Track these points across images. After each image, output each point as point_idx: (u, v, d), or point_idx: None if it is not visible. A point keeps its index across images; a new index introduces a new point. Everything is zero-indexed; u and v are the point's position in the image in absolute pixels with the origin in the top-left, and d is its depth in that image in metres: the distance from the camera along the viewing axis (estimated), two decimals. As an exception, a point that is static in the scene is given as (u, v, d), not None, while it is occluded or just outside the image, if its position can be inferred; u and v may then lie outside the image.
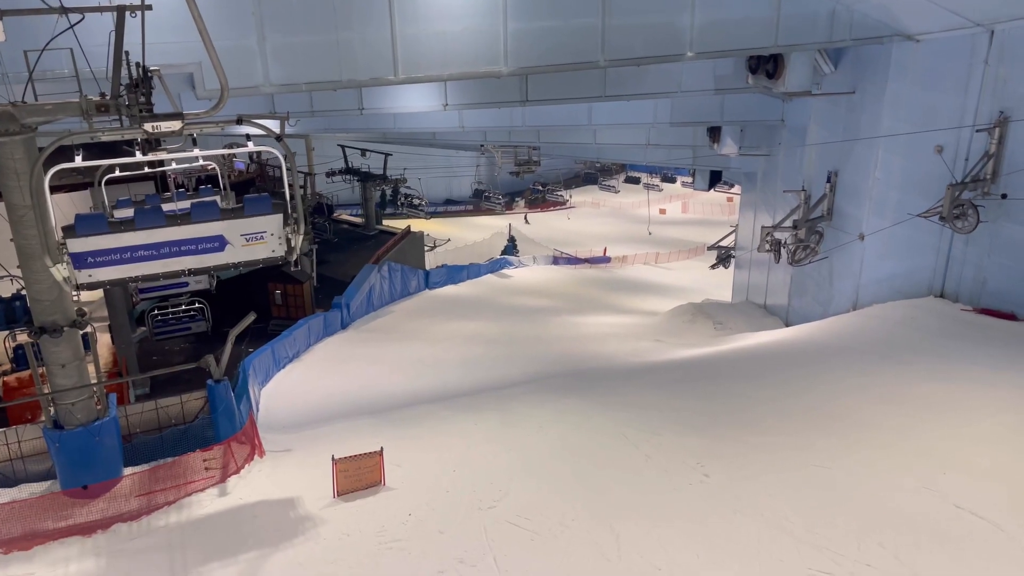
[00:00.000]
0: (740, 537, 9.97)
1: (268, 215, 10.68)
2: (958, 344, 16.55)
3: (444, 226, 61.14)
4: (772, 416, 14.04)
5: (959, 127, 18.00)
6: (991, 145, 17.18)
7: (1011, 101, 16.82)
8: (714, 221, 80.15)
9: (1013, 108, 16.78)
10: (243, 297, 29.79)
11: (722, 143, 29.28)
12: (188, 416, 15.42)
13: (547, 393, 17.68)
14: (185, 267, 10.69)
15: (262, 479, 13.90)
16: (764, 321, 27.49)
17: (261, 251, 10.81)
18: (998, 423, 12.35)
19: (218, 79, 9.91)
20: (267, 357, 22.90)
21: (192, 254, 10.62)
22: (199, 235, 10.62)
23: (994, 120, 17.09)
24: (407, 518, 11.70)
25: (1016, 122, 16.68)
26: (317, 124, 28.01)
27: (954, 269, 18.93)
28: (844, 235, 22.10)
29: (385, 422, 17.18)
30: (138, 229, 10.37)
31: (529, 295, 42.49)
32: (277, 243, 10.82)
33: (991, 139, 17.13)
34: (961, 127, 17.95)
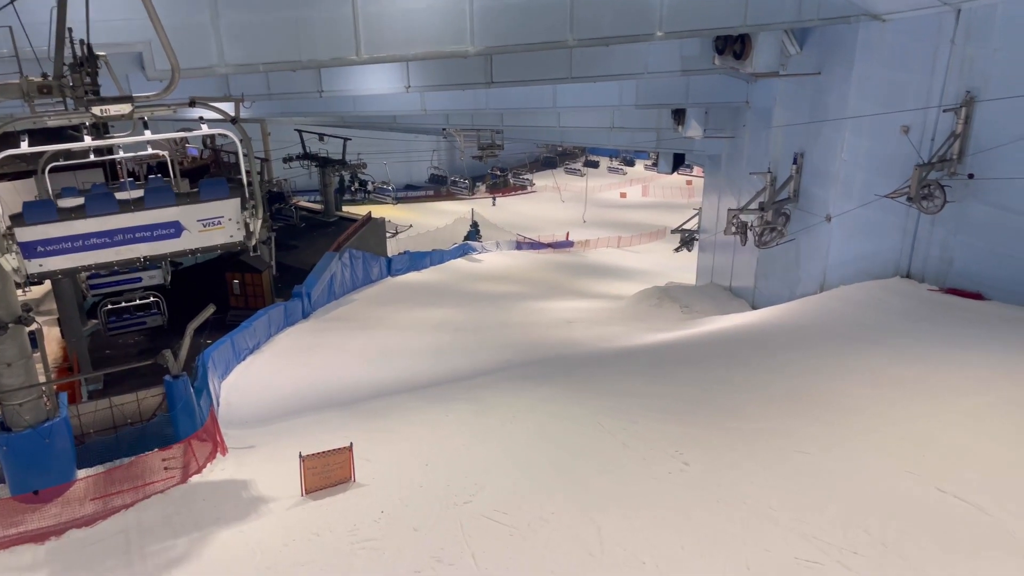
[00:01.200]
0: (725, 527, 9.75)
1: (225, 199, 10.32)
2: (927, 325, 16.59)
3: (405, 212, 60.32)
4: (750, 401, 13.88)
5: (926, 107, 17.99)
6: (958, 125, 17.19)
7: (977, 81, 16.83)
8: (674, 204, 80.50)
9: (979, 88, 16.79)
10: (200, 288, 28.91)
11: (687, 125, 29.12)
12: (145, 414, 14.75)
13: (520, 381, 17.35)
14: (140, 255, 10.26)
15: (225, 478, 13.34)
16: (730, 303, 27.50)
17: (219, 236, 10.45)
18: (974, 405, 12.32)
19: (168, 59, 9.27)
20: (227, 349, 22.18)
21: (147, 241, 10.20)
22: (154, 221, 10.20)
23: (960, 100, 17.09)
24: (379, 516, 11.27)
25: (982, 102, 16.70)
26: (274, 107, 27.13)
27: (920, 249, 19.00)
28: (811, 217, 22.09)
29: (352, 415, 16.70)
30: (89, 216, 9.91)
31: (494, 281, 42.11)
32: (235, 228, 10.48)
33: (958, 119, 17.13)
34: (928, 107, 17.94)
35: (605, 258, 56.36)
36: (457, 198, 73.60)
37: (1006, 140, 16.29)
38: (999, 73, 16.35)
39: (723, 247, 30.94)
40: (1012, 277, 16.97)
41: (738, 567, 8.86)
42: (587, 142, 43.51)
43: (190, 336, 14.03)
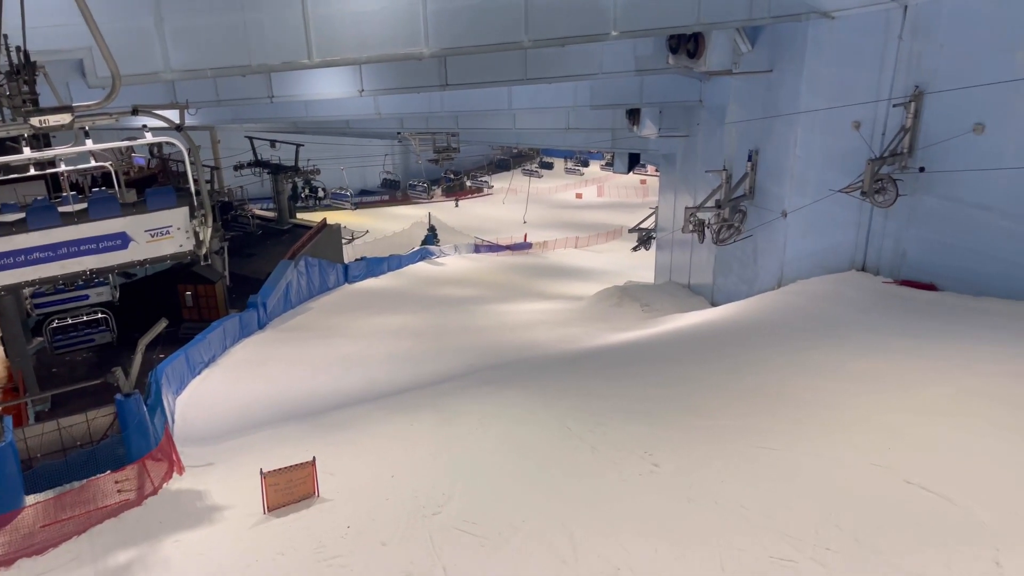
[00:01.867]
0: (697, 528, 9.67)
1: (173, 208, 10.13)
2: (884, 317, 16.83)
3: (361, 217, 59.63)
4: (715, 398, 13.88)
5: (876, 102, 18.27)
6: (907, 119, 17.47)
7: (925, 75, 17.13)
8: (630, 204, 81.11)
9: (927, 82, 17.10)
10: (150, 301, 28.10)
11: (641, 125, 29.26)
12: (96, 435, 14.16)
13: (483, 387, 17.14)
14: (86, 268, 10.03)
15: (182, 498, 12.88)
16: (689, 301, 27.68)
17: (168, 247, 10.28)
18: (935, 396, 12.47)
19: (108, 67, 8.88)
20: (180, 364, 21.56)
21: (92, 253, 9.92)
22: (99, 233, 9.94)
23: (909, 94, 17.38)
24: (346, 531, 10.97)
25: (931, 95, 17.00)
26: (223, 114, 26.50)
27: (875, 243, 19.29)
28: (767, 213, 22.32)
29: (313, 427, 16.31)
30: (32, 230, 9.58)
31: (453, 285, 41.82)
32: (184, 237, 10.34)
33: (907, 113, 17.42)
34: (878, 102, 18.23)
35: (564, 259, 56.47)
36: (413, 202, 73.11)
37: (954, 133, 16.60)
38: (945, 67, 16.66)
39: (680, 245, 31.16)
40: (963, 267, 17.31)
41: (713, 568, 8.79)
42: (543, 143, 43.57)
43: (142, 352, 13.53)
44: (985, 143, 16.34)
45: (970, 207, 16.91)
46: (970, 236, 17.06)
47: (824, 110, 19.44)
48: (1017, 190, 16.05)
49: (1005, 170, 16.05)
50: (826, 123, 19.62)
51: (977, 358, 13.70)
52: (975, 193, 16.72)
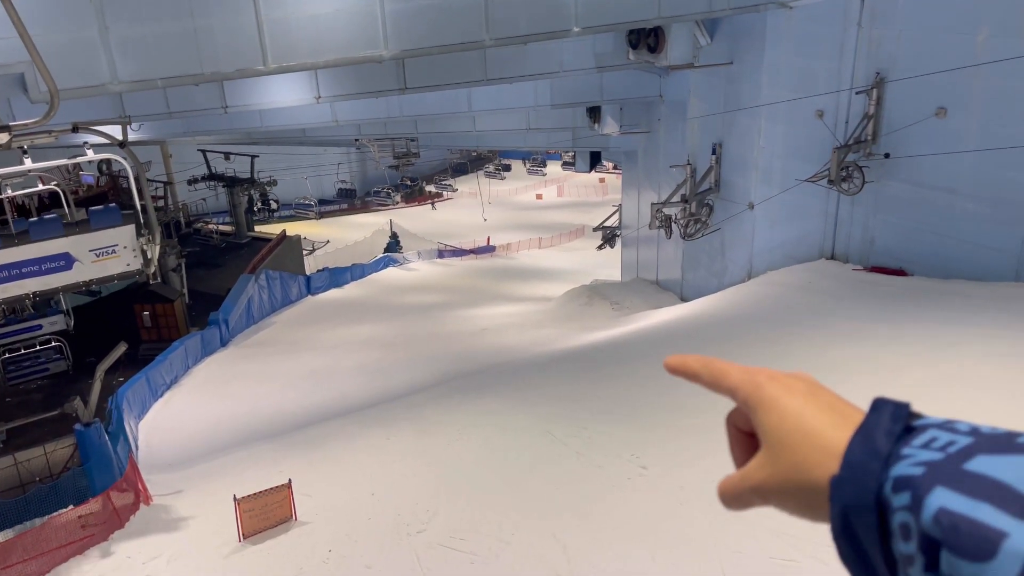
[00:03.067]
0: (691, 531, 9.42)
1: (118, 227, 9.97)
2: (856, 304, 16.84)
3: (321, 227, 58.72)
4: (698, 396, 13.51)
5: (837, 91, 18.30)
6: (870, 106, 17.53)
7: (885, 62, 17.20)
8: (590, 203, 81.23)
9: (888, 68, 17.16)
10: (106, 324, 27.20)
11: (603, 123, 29.10)
12: (55, 468, 13.46)
13: (460, 395, 16.75)
14: (28, 291, 9.73)
15: (152, 531, 12.30)
16: (659, 297, 27.58)
17: (114, 266, 10.08)
18: (916, 381, 12.44)
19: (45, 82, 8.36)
20: (142, 387, 20.79)
21: (36, 275, 9.60)
22: (41, 254, 9.65)
23: (871, 82, 17.43)
24: (327, 555, 10.52)
25: (892, 81, 17.06)
26: (175, 127, 25.63)
27: (843, 230, 19.34)
28: (733, 206, 22.29)
29: (286, 446, 15.77)
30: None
31: (419, 292, 41.30)
32: (132, 256, 10.10)
33: (869, 100, 17.47)
34: (840, 90, 18.26)
35: (528, 260, 56.23)
36: (373, 210, 72.32)
37: (917, 118, 16.68)
38: (906, 53, 16.74)
39: (647, 241, 31.06)
40: (930, 251, 17.43)
41: (714, 572, 8.54)
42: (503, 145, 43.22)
43: (100, 379, 12.91)
44: (947, 127, 16.44)
45: (935, 191, 17.02)
46: (936, 220, 17.17)
47: (786, 101, 19.43)
48: (980, 172, 16.18)
49: (968, 152, 16.18)
50: (789, 113, 19.62)
51: (952, 342, 13.72)
52: (939, 177, 16.83)
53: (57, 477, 13.26)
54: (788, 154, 19.99)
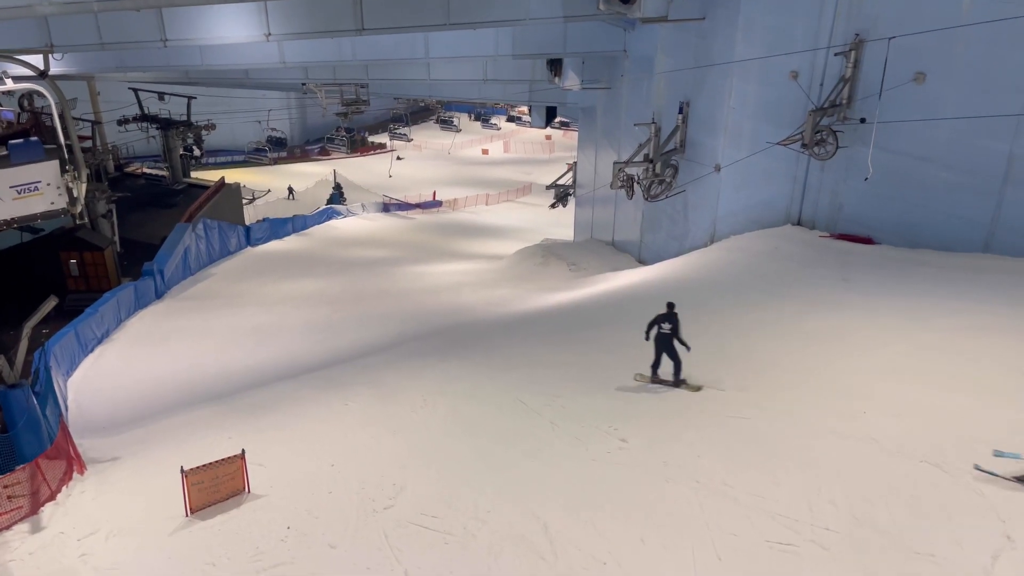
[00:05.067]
0: (681, 511, 8.92)
1: (41, 162, 9.43)
2: (824, 271, 16.58)
3: (262, 176, 56.41)
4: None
5: (814, 50, 17.79)
6: (847, 69, 17.10)
7: (866, 22, 16.73)
8: (537, 160, 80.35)
9: (868, 29, 16.70)
10: (30, 272, 25.34)
11: (564, 76, 28.16)
12: (-25, 433, 12.18)
13: (420, 358, 15.93)
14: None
15: (87, 503, 11.22)
16: (616, 259, 27.11)
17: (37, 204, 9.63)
18: (892, 353, 12.20)
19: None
20: (70, 341, 19.34)
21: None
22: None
23: (849, 42, 16.95)
24: (286, 533, 9.67)
25: (871, 43, 16.60)
26: (107, 60, 23.64)
27: (811, 196, 19.04)
28: (699, 167, 21.77)
29: (232, 410, 14.73)
30: None
31: (364, 246, 40.00)
32: (56, 194, 9.65)
33: (847, 63, 17.02)
34: (816, 50, 17.75)
35: (475, 217, 55.17)
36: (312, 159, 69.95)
37: (895, 83, 16.29)
38: (887, 14, 16.30)
39: (603, 201, 30.48)
40: (900, 220, 17.27)
41: (708, 558, 8.05)
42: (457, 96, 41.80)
43: (27, 337, 11.62)
44: (926, 92, 16.15)
45: (909, 158, 16.77)
46: (908, 188, 16.97)
47: (760, 59, 18.85)
48: (957, 141, 15.96)
49: (945, 120, 15.91)
50: (762, 73, 19.07)
51: (926, 314, 13.55)
52: (914, 144, 16.58)
53: (-23, 443, 12.01)
54: (759, 115, 19.48)
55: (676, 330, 11.89)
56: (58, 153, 9.57)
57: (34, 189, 9.43)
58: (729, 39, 19.69)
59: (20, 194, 9.34)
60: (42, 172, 9.45)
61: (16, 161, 9.34)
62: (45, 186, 9.49)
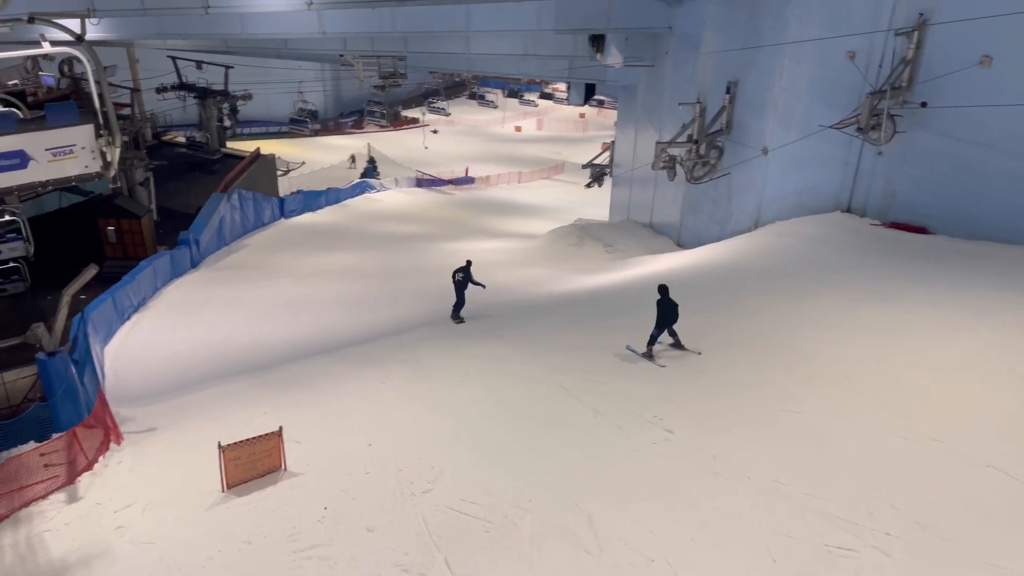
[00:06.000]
0: (732, 509, 8.57)
1: (76, 126, 9.32)
2: (878, 261, 15.97)
3: (297, 148, 56.33)
4: (717, 352, 12.79)
5: (873, 31, 17.06)
6: (909, 50, 16.35)
7: (930, 2, 15.95)
8: (570, 138, 79.47)
9: (933, 9, 15.93)
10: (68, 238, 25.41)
11: (606, 52, 27.49)
12: (14, 399, 12.15)
13: (455, 337, 15.69)
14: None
15: (123, 474, 11.18)
16: (654, 241, 26.59)
17: (72, 167, 9.47)
18: (952, 349, 11.64)
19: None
20: (108, 308, 19.34)
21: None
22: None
23: (912, 23, 16.20)
24: (323, 514, 9.51)
25: (935, 24, 15.85)
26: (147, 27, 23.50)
27: (863, 182, 18.37)
28: (745, 149, 21.15)
29: (267, 383, 14.62)
30: None
31: (397, 221, 39.78)
32: (90, 158, 9.50)
33: (909, 44, 16.28)
34: (876, 31, 17.02)
35: (507, 194, 54.69)
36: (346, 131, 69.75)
37: (959, 66, 15.55)
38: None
39: (641, 182, 29.90)
40: (957, 209, 16.56)
41: (762, 560, 7.71)
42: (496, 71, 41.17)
43: (66, 305, 11.52)
44: (991, 77, 15.36)
45: (970, 145, 16.03)
46: (968, 176, 16.24)
47: (815, 40, 18.14)
48: (1021, 128, 15.20)
49: (1011, 107, 15.15)
50: (817, 53, 18.37)
51: (987, 308, 12.93)
52: (976, 131, 15.82)
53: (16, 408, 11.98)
54: (811, 97, 18.80)
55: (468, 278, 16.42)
56: (93, 118, 9.53)
57: (69, 152, 9.38)
58: (782, 17, 18.99)
59: (55, 157, 9.34)
60: (77, 136, 9.41)
61: (52, 124, 9.30)
62: (80, 149, 9.44)
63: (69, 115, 9.45)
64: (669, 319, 12.83)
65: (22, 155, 9.22)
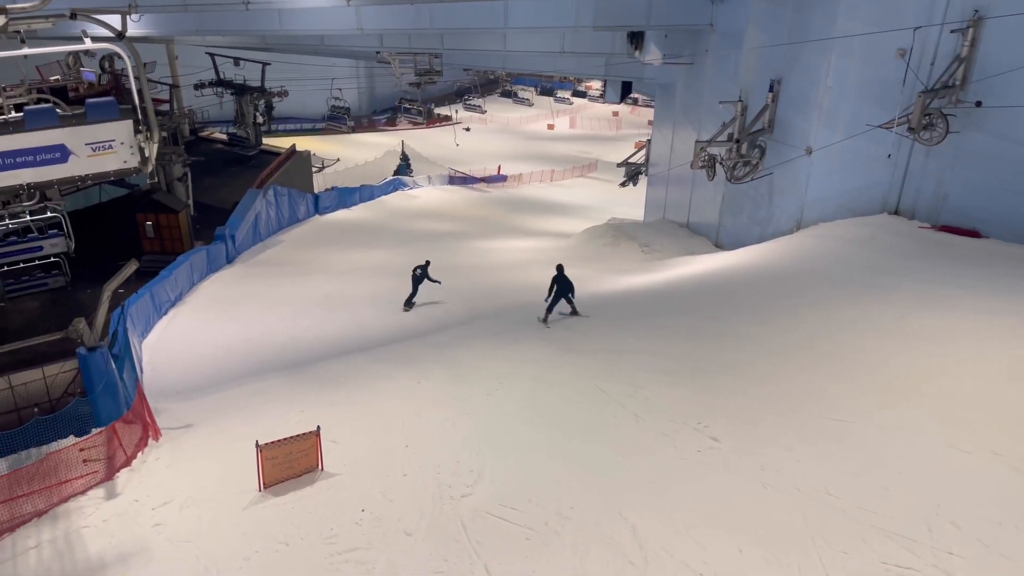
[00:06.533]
0: (782, 520, 8.26)
1: (115, 121, 9.45)
2: (929, 266, 15.46)
3: (331, 145, 56.58)
4: (758, 358, 12.44)
5: (927, 27, 16.51)
6: (963, 47, 15.80)
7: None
8: (603, 136, 78.91)
9: (988, 5, 15.36)
10: (107, 232, 25.72)
11: (645, 49, 27.12)
12: (55, 393, 12.20)
13: (492, 338, 15.49)
14: (23, 181, 9.28)
15: (161, 470, 11.15)
16: (691, 241, 26.16)
17: (111, 162, 9.61)
18: (1013, 359, 11.16)
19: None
20: (145, 303, 19.44)
21: (30, 166, 9.26)
22: (36, 144, 9.23)
23: (967, 19, 15.65)
24: (360, 516, 9.38)
25: (992, 20, 15.28)
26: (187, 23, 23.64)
27: (912, 184, 17.82)
28: (788, 149, 20.66)
29: (303, 381, 14.55)
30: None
31: (430, 218, 39.74)
32: (128, 153, 9.62)
33: (963, 41, 15.73)
34: (929, 26, 16.47)
35: (539, 193, 54.42)
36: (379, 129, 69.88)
37: (1016, 64, 14.99)
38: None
39: (678, 181, 29.46)
40: (1012, 213, 15.98)
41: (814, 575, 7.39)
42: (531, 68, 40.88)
43: (107, 301, 11.52)
44: (1051, 76, 14.79)
45: None
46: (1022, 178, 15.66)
47: (864, 35, 17.63)
48: (1084, 130, 14.61)
49: (1073, 107, 14.57)
50: (865, 50, 17.85)
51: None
52: (1035, 132, 15.25)
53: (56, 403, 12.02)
54: (859, 96, 18.29)
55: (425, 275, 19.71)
56: (132, 113, 9.66)
57: (108, 147, 9.53)
58: (830, 13, 18.49)
59: (94, 152, 9.50)
60: (116, 131, 9.54)
61: (92, 119, 9.43)
62: (119, 145, 9.58)
63: (109, 110, 9.53)
64: (564, 292, 16.06)
65: (63, 149, 9.36)
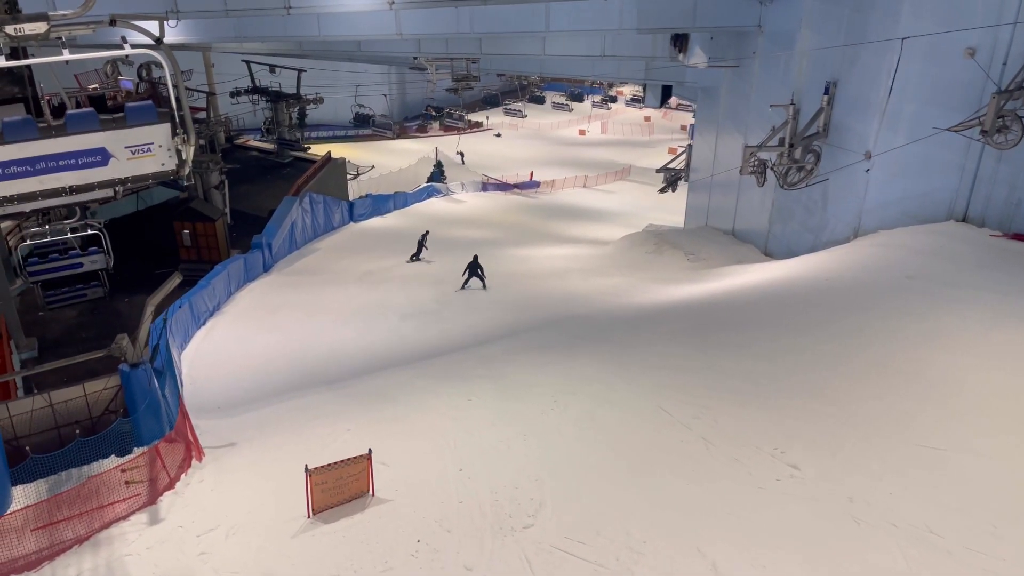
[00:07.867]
0: (880, 562, 7.55)
1: (154, 124, 9.53)
2: (1005, 277, 14.57)
3: (365, 152, 56.44)
4: (833, 377, 11.67)
5: (997, 25, 15.65)
6: (1040, 47, 14.92)
7: (1067, -7, 14.51)
8: (635, 142, 77.95)
9: (1069, 2, 14.48)
10: (145, 240, 25.58)
11: (690, 52, 26.36)
12: (96, 410, 11.80)
13: (542, 352, 14.86)
14: (65, 184, 9.28)
15: (205, 493, 10.66)
16: (737, 249, 25.32)
17: (149, 165, 9.70)
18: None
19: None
20: (184, 313, 19.10)
21: (72, 169, 9.28)
22: (78, 148, 9.25)
23: (1044, 17, 14.79)
24: (416, 547, 8.81)
25: (1074, 18, 14.41)
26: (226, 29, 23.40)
27: (981, 190, 16.94)
28: (844, 153, 19.78)
29: (348, 397, 14.04)
30: (8, 142, 8.93)
31: (465, 225, 39.22)
32: (166, 156, 9.70)
33: (1041, 40, 14.86)
34: (1000, 25, 15.61)
35: (573, 199, 53.71)
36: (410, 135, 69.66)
37: (1099, 63, 14.10)
38: (1097, -16, 14.06)
39: (723, 187, 28.61)
40: (1094, 221, 15.04)
41: (927, 627, 6.68)
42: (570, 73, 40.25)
43: (150, 315, 11.12)
44: None
45: (1111, 151, 14.53)
46: (1107, 185, 14.73)
47: (930, 35, 16.77)
48: None
49: None
50: (930, 49, 16.95)
51: None
52: (1119, 135, 14.32)
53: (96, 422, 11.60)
54: (923, 98, 17.41)
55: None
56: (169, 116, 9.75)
57: (147, 150, 9.65)
58: (892, 11, 17.63)
59: (134, 155, 9.60)
60: (154, 134, 9.66)
61: (132, 122, 9.53)
62: (157, 148, 9.69)
63: (148, 114, 9.58)
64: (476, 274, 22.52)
65: (103, 152, 9.40)
